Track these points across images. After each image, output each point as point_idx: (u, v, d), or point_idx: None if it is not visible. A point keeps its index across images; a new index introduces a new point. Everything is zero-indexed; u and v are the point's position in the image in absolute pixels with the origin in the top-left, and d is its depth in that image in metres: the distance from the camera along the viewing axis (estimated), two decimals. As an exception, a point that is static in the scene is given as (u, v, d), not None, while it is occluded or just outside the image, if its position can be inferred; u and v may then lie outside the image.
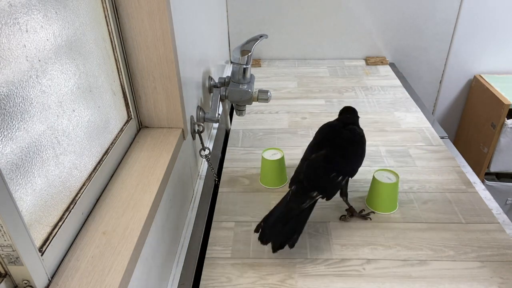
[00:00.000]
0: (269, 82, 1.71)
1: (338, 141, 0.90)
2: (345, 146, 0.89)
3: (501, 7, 1.74)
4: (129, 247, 0.59)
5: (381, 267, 0.83)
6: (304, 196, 0.83)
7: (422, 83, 1.96)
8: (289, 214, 0.82)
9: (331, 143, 0.89)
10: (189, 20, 0.99)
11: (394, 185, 0.94)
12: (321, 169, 0.86)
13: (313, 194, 0.83)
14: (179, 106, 0.87)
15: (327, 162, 0.86)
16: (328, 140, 0.90)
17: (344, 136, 0.90)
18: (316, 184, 0.84)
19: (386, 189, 0.94)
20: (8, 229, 0.45)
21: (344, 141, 0.90)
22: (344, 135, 0.90)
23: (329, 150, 0.87)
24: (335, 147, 0.88)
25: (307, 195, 0.83)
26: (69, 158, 0.61)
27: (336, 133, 0.91)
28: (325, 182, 0.85)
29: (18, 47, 0.50)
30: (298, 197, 0.83)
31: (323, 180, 0.85)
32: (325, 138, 0.91)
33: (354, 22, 1.83)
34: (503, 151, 1.74)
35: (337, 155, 0.87)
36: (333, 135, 0.91)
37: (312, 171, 0.86)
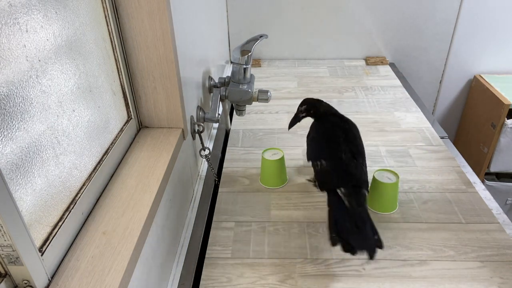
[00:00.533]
0: (269, 82, 1.71)
1: (349, 135, 0.92)
2: (358, 138, 0.93)
3: (501, 7, 1.74)
4: (129, 247, 0.59)
5: (381, 267, 0.83)
6: (361, 197, 0.82)
7: (422, 83, 1.96)
8: (363, 220, 0.78)
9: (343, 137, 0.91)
10: (189, 20, 0.99)
11: (394, 185, 0.94)
12: (359, 166, 0.87)
13: (364, 192, 0.83)
14: (179, 106, 0.87)
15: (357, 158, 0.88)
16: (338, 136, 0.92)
17: (350, 129, 0.93)
18: (364, 181, 0.85)
19: (386, 189, 0.94)
20: (8, 229, 0.45)
21: (353, 134, 0.93)
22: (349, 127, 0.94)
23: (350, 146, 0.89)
24: (351, 141, 0.91)
25: (362, 195, 0.82)
26: (69, 158, 0.61)
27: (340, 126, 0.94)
28: (366, 177, 0.87)
29: (18, 47, 0.50)
30: (356, 199, 0.80)
31: (364, 175, 0.87)
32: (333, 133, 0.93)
33: (354, 22, 1.83)
34: (503, 151, 1.74)
35: (358, 149, 0.90)
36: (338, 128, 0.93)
37: (355, 170, 0.86)
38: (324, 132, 0.95)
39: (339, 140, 0.90)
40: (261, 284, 0.80)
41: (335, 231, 0.77)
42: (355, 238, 0.75)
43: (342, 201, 0.80)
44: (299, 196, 1.03)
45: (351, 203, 0.79)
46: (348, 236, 0.75)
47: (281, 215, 0.97)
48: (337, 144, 0.89)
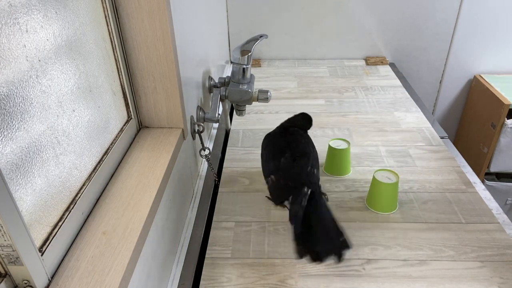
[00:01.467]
0: (269, 82, 1.71)
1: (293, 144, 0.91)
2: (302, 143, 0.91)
3: (501, 7, 1.74)
4: (129, 247, 0.59)
5: (381, 267, 0.83)
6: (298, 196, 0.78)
7: (422, 83, 1.96)
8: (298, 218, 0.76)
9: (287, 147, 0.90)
10: (189, 20, 0.99)
11: (394, 185, 0.94)
12: (297, 167, 0.85)
13: (305, 191, 0.79)
14: (179, 106, 0.87)
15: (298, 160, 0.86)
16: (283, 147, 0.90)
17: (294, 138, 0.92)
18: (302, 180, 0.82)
19: (386, 189, 0.94)
20: (8, 229, 0.45)
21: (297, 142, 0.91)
22: (293, 137, 0.93)
23: (291, 150, 0.88)
24: (293, 147, 0.89)
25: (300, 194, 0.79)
26: (69, 158, 0.61)
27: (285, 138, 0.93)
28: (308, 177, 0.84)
29: (18, 47, 0.50)
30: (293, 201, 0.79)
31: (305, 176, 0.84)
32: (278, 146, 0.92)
33: (354, 22, 1.83)
34: (503, 151, 1.74)
35: (299, 151, 0.88)
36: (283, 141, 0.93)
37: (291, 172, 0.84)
38: (268, 144, 0.95)
39: (281, 147, 0.90)
40: (261, 284, 0.80)
41: (299, 243, 0.74)
42: (319, 245, 0.73)
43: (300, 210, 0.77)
44: (299, 196, 1.03)
45: (306, 209, 0.77)
46: (312, 245, 0.73)
47: (281, 215, 0.97)
48: (279, 153, 0.89)
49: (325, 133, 1.31)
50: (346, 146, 1.08)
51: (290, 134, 0.95)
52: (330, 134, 1.30)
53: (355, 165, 1.15)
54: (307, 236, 0.74)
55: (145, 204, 0.68)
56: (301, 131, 0.96)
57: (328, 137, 1.28)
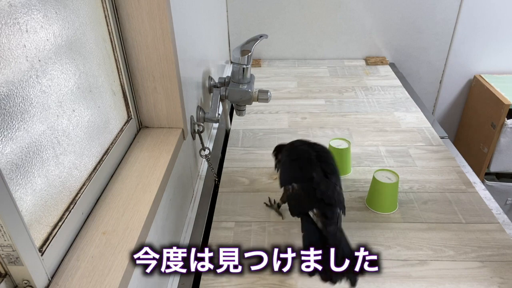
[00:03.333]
0: (269, 82, 1.71)
1: (322, 155, 0.87)
2: (330, 158, 0.87)
3: (501, 7, 1.74)
4: (129, 247, 0.59)
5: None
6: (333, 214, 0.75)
7: (422, 83, 1.96)
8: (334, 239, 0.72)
9: (316, 159, 0.86)
10: (189, 20, 0.99)
11: (394, 185, 0.94)
12: (332, 184, 0.81)
13: (338, 211, 0.77)
14: (179, 106, 0.87)
15: (330, 177, 0.82)
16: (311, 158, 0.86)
17: (322, 150, 0.89)
18: (337, 199, 0.79)
19: (386, 189, 0.94)
20: (8, 229, 0.45)
21: (326, 155, 0.88)
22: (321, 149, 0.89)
23: (322, 165, 0.84)
24: (324, 161, 0.85)
25: (334, 213, 0.76)
26: (69, 158, 0.61)
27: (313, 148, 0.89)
28: (340, 196, 0.81)
29: (18, 47, 0.50)
30: (329, 217, 0.75)
31: (337, 194, 0.80)
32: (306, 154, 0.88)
33: (354, 22, 1.83)
34: (503, 151, 1.73)
35: (332, 167, 0.85)
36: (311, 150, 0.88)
37: (326, 188, 0.80)
38: (296, 154, 0.90)
39: (311, 159, 0.85)
40: (261, 284, 0.80)
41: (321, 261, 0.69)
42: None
43: (316, 225, 0.75)
44: (299, 196, 1.03)
45: (324, 223, 0.74)
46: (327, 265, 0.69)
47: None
48: (309, 164, 0.85)
49: (325, 133, 1.31)
50: (346, 146, 1.08)
51: (314, 144, 0.91)
52: (330, 134, 1.30)
53: (355, 165, 1.15)
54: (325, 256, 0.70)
55: (145, 204, 0.68)
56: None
57: (328, 137, 1.28)
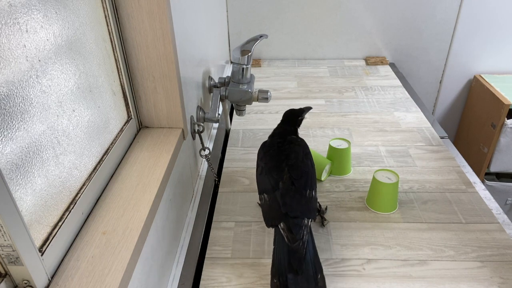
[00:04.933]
0: (269, 82, 1.71)
1: (291, 157, 0.85)
2: (300, 159, 0.85)
3: (501, 7, 1.74)
4: (129, 247, 0.59)
5: (381, 267, 0.83)
6: (298, 229, 0.75)
7: (422, 83, 1.96)
8: (297, 254, 0.72)
9: (286, 162, 0.84)
10: (189, 20, 0.99)
11: (394, 185, 0.94)
12: (297, 194, 0.80)
13: (304, 222, 0.76)
14: (179, 106, 0.87)
15: (298, 184, 0.81)
16: (280, 161, 0.85)
17: (292, 150, 0.87)
18: (301, 212, 0.77)
19: (386, 189, 0.94)
20: (8, 229, 0.45)
21: (296, 155, 0.86)
22: (291, 149, 0.87)
23: (291, 171, 0.82)
24: (293, 165, 0.83)
25: (300, 227, 0.75)
26: (69, 158, 0.61)
27: (283, 150, 0.87)
28: (307, 205, 0.79)
29: (18, 47, 0.50)
30: (295, 233, 0.74)
31: (304, 203, 0.79)
32: (275, 159, 0.86)
33: (354, 22, 1.83)
34: (503, 151, 1.73)
35: (299, 171, 0.83)
36: (281, 153, 0.87)
37: (290, 201, 0.79)
38: (268, 160, 0.88)
39: (280, 164, 0.84)
40: (261, 284, 0.80)
41: (275, 275, 0.71)
42: (293, 282, 0.69)
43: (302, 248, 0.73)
44: (299, 196, 1.03)
45: (288, 238, 0.74)
46: (287, 280, 0.69)
47: (281, 215, 0.97)
48: (277, 170, 0.84)
49: (325, 133, 1.31)
50: (346, 146, 1.08)
51: (287, 143, 0.90)
52: (330, 134, 1.30)
53: (355, 165, 1.15)
54: (282, 269, 0.71)
55: (145, 204, 0.68)
56: (296, 138, 0.92)
57: (328, 137, 1.28)
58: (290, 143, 0.90)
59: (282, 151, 0.88)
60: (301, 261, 0.72)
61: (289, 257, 0.72)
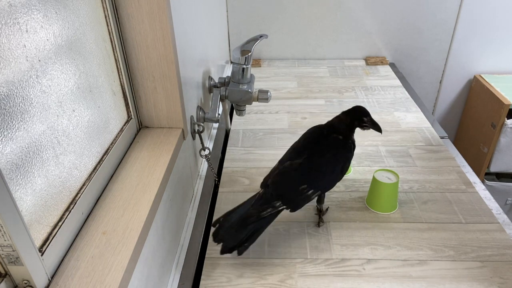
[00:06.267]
0: (269, 82, 1.71)
1: (318, 151, 0.83)
2: (324, 158, 0.83)
3: (501, 7, 1.74)
4: (129, 247, 0.59)
5: (381, 267, 0.83)
6: (266, 204, 0.79)
7: (422, 83, 1.96)
8: (247, 219, 0.79)
9: (310, 151, 0.83)
10: (189, 20, 0.99)
11: (394, 185, 0.94)
12: (291, 179, 0.81)
13: (276, 204, 0.79)
14: (179, 106, 0.87)
15: (300, 173, 0.81)
16: (308, 148, 0.84)
17: (326, 146, 0.84)
18: (281, 194, 0.80)
19: (386, 189, 0.94)
20: (8, 229, 0.45)
21: (324, 152, 0.83)
22: (326, 145, 0.84)
23: (305, 160, 0.82)
24: (312, 157, 0.82)
25: (269, 204, 0.79)
26: (69, 158, 0.61)
27: (319, 141, 0.85)
28: (293, 194, 0.81)
29: (18, 47, 0.50)
30: (261, 204, 0.79)
31: (291, 191, 0.81)
32: (307, 144, 0.85)
33: (354, 22, 1.83)
34: (503, 151, 1.73)
35: (313, 167, 0.82)
36: (315, 142, 0.85)
37: (281, 179, 0.82)
38: (296, 142, 0.89)
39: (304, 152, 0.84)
40: (261, 284, 0.80)
41: (224, 216, 0.81)
42: (226, 231, 0.79)
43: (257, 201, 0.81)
44: (299, 196, 1.03)
45: (253, 205, 0.80)
46: (224, 227, 0.80)
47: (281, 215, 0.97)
48: (296, 154, 0.84)
49: (325, 133, 1.31)
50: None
51: (325, 138, 0.85)
52: (330, 134, 1.30)
53: (355, 165, 1.15)
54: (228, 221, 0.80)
55: (145, 204, 0.68)
56: (341, 139, 0.85)
57: (328, 137, 1.28)
58: (326, 138, 0.85)
59: (317, 139, 0.86)
60: (243, 224, 0.79)
61: (242, 214, 0.80)
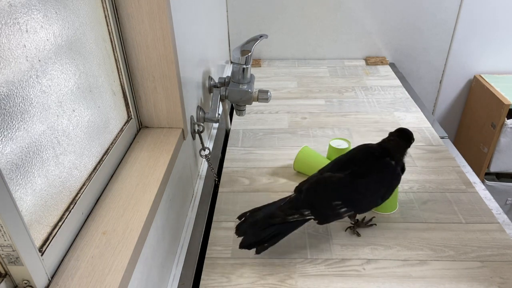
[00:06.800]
0: (269, 82, 1.71)
1: (364, 170, 0.80)
2: (367, 180, 0.80)
3: (501, 7, 1.74)
4: (129, 247, 0.59)
5: (381, 267, 0.83)
6: (294, 209, 0.79)
7: (422, 83, 1.96)
8: (273, 219, 0.79)
9: (354, 168, 0.80)
10: (189, 20, 0.99)
11: (394, 185, 0.94)
12: (327, 191, 0.80)
13: (305, 212, 0.79)
14: (179, 106, 0.87)
15: (337, 187, 0.80)
16: (354, 164, 0.81)
17: (374, 168, 0.81)
18: (312, 203, 0.79)
19: (386, 189, 0.94)
20: (8, 229, 0.45)
21: (369, 173, 0.80)
22: (375, 167, 0.81)
23: (347, 176, 0.79)
24: (356, 175, 0.80)
25: (298, 210, 0.79)
26: (69, 158, 0.61)
27: (367, 160, 0.82)
28: (325, 207, 0.80)
29: (18, 47, 0.50)
30: (290, 207, 0.80)
31: (324, 203, 0.80)
32: (353, 160, 0.83)
33: (354, 22, 1.83)
34: (503, 151, 1.73)
35: (353, 185, 0.79)
36: (362, 160, 0.82)
37: (316, 188, 0.81)
38: (344, 156, 0.86)
39: (349, 166, 0.82)
40: (261, 284, 0.80)
41: (251, 211, 0.83)
42: (250, 226, 0.81)
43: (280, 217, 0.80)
44: (299, 196, 1.03)
45: (281, 206, 0.81)
46: (249, 223, 0.81)
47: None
48: (340, 167, 0.83)
49: (325, 133, 1.31)
50: (346, 146, 1.08)
51: (375, 160, 0.82)
52: (330, 134, 1.30)
53: (355, 165, 1.15)
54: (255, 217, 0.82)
55: (145, 204, 0.68)
56: (393, 164, 0.82)
57: (328, 137, 1.28)
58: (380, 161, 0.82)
59: (366, 158, 0.82)
60: (267, 223, 0.80)
61: (268, 213, 0.81)
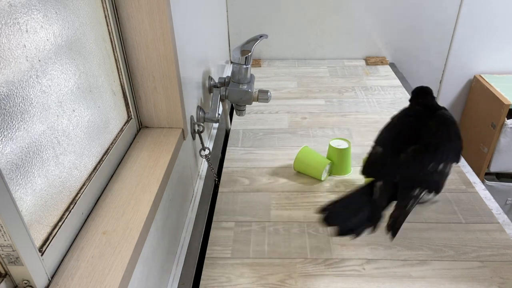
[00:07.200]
0: (269, 82, 1.71)
1: (431, 128, 0.79)
2: (446, 129, 0.79)
3: (501, 7, 1.74)
4: (129, 247, 0.59)
5: (381, 267, 0.83)
6: (404, 197, 0.74)
7: (422, 83, 1.95)
8: (376, 211, 0.74)
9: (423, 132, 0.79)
10: (189, 20, 0.99)
11: (394, 185, 0.94)
12: (423, 162, 0.75)
13: (415, 193, 0.74)
14: (179, 106, 0.87)
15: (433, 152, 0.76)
16: (418, 129, 0.80)
17: (439, 120, 0.81)
18: (418, 180, 0.75)
19: (386, 189, 0.94)
20: (8, 229, 0.45)
21: (441, 125, 0.80)
22: (438, 119, 0.81)
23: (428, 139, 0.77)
24: (432, 135, 0.78)
25: (408, 196, 0.74)
26: (69, 158, 0.61)
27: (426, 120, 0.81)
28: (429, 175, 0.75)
29: (18, 47, 0.50)
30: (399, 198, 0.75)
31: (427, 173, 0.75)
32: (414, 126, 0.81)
33: (354, 22, 1.83)
34: (503, 151, 1.73)
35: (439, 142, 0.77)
36: (423, 124, 0.81)
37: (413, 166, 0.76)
38: (402, 122, 0.85)
39: (411, 134, 0.80)
40: (261, 284, 0.80)
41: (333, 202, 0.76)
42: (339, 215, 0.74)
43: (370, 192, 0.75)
44: (299, 196, 1.03)
45: (376, 196, 0.75)
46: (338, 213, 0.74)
47: (281, 215, 0.97)
48: (404, 137, 0.81)
49: (325, 133, 1.31)
50: (346, 146, 1.08)
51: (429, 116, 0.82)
52: (330, 134, 1.30)
53: (355, 165, 1.15)
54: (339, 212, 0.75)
55: (145, 204, 0.68)
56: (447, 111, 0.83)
57: (328, 137, 1.28)
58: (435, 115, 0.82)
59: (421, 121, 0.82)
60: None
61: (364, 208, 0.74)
